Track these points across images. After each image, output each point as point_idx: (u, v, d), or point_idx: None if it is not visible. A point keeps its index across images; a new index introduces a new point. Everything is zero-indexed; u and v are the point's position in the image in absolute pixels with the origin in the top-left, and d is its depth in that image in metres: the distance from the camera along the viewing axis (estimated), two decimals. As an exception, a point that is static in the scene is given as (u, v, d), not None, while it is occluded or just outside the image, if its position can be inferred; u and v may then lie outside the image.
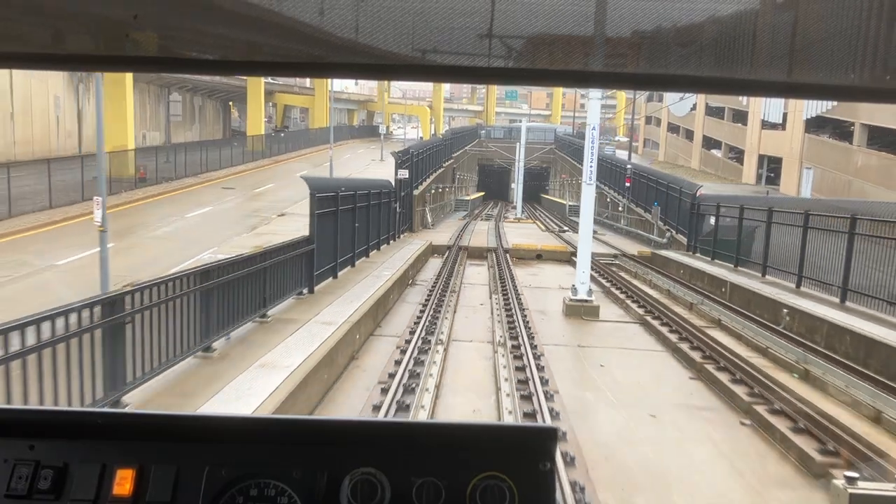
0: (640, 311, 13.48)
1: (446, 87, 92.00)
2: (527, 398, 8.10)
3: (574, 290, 12.95)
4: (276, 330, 9.10)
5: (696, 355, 10.19)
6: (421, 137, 75.20)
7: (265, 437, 1.14)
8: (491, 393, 8.48)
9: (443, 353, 9.93)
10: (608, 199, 35.30)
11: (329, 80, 66.70)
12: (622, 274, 18.28)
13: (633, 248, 23.37)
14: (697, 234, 20.63)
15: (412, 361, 9.17)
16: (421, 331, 10.72)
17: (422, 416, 7.38)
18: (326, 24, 0.72)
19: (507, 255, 20.17)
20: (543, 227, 32.69)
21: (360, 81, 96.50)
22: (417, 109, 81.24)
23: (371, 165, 48.18)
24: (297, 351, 8.09)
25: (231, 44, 0.76)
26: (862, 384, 8.07)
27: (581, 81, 0.77)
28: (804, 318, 11.38)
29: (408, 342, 10.14)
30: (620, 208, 32.15)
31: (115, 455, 1.11)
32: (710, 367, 9.51)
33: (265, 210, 27.98)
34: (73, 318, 5.45)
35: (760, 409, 7.88)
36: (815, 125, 40.80)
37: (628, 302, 14.39)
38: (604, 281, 17.10)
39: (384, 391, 8.09)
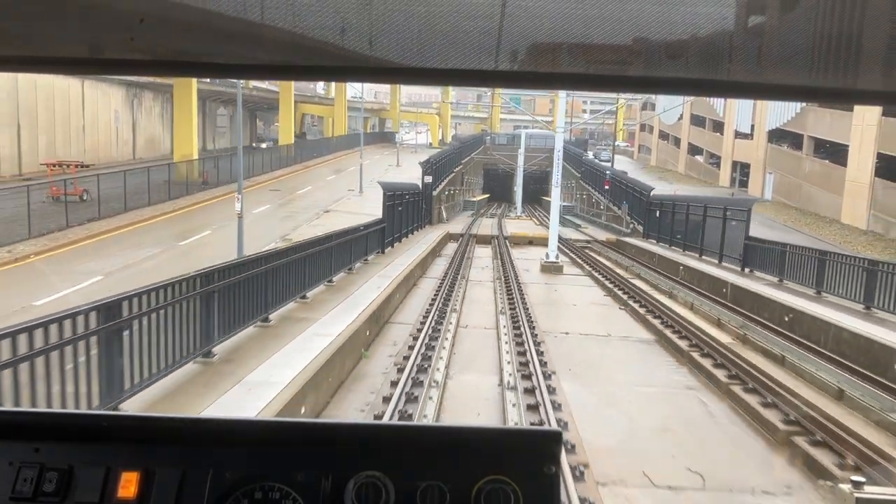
0: (591, 270, 20.77)
1: (452, 94, 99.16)
2: (512, 305, 15.23)
3: (546, 255, 20.21)
4: (377, 264, 16.52)
5: (612, 287, 17.48)
6: (430, 143, 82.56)
7: (270, 440, 1.16)
8: (491, 302, 15.67)
9: (465, 287, 17.16)
10: (593, 199, 42.54)
11: (345, 91, 74.07)
12: (589, 253, 25.55)
13: (605, 236, 30.65)
14: (650, 225, 27.87)
15: (447, 289, 16.39)
16: (450, 276, 17.94)
17: (457, 306, 14.54)
18: (332, 27, 0.74)
19: (506, 241, 27.40)
20: (538, 223, 39.88)
21: (372, 90, 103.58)
22: (427, 117, 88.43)
23: (389, 170, 55.38)
24: (396, 270, 15.43)
25: (236, 48, 0.77)
26: (691, 293, 15.37)
27: (587, 85, 0.79)
28: (689, 271, 18.69)
29: (442, 282, 17.32)
30: (602, 206, 39.37)
31: (119, 458, 1.12)
32: (617, 291, 16.80)
33: (312, 208, 35.29)
34: (180, 298, 12.53)
35: (635, 305, 15.14)
36: (778, 136, 47.92)
37: (586, 266, 21.71)
38: (574, 256, 24.37)
39: (440, 288, 15.40)
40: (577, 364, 10.30)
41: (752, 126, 51.16)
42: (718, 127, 58.63)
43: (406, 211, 23.36)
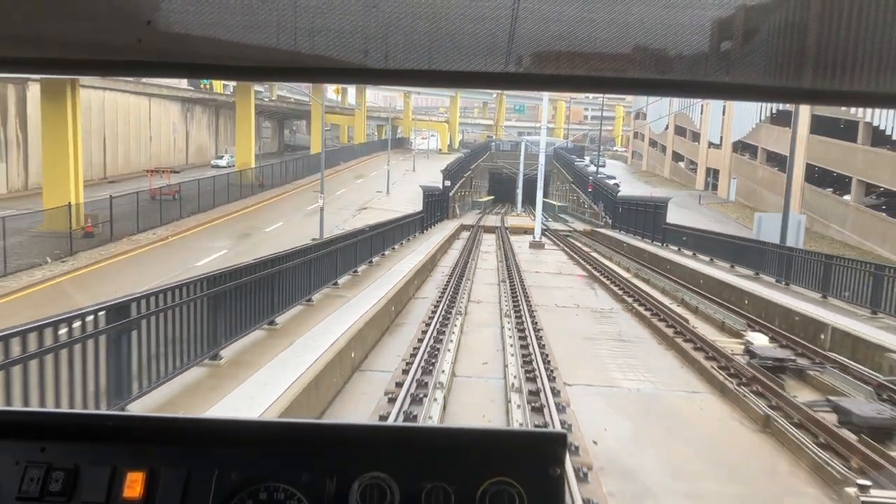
0: (564, 247, 30.31)
1: (460, 102, 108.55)
2: (507, 263, 24.56)
3: (534, 234, 29.73)
4: (419, 241, 25.93)
5: (574, 255, 26.99)
6: (439, 149, 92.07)
7: (275, 441, 1.18)
8: (495, 261, 25.07)
9: (477, 257, 26.59)
10: (581, 199, 51.97)
11: (364, 102, 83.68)
12: (568, 238, 35.00)
13: (584, 227, 40.17)
14: (616, 218, 37.33)
15: (467, 254, 25.79)
16: (467, 249, 27.40)
17: (475, 263, 23.95)
18: (338, 29, 0.74)
19: (507, 231, 36.83)
20: (534, 219, 49.42)
21: (385, 98, 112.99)
22: (437, 125, 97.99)
23: (407, 175, 64.91)
24: (434, 242, 24.89)
25: (243, 49, 0.77)
26: (623, 258, 24.90)
27: (593, 87, 0.80)
28: (629, 247, 28.22)
29: (463, 250, 26.71)
30: (586, 206, 48.87)
31: (125, 458, 1.14)
32: (576, 257, 26.33)
33: (350, 206, 44.81)
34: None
35: (584, 263, 24.63)
36: (742, 147, 57.25)
37: (561, 244, 31.22)
38: (556, 240, 33.93)
39: (461, 254, 24.90)
40: (540, 285, 19.64)
41: (721, 138, 60.54)
42: (696, 137, 67.95)
43: (434, 206, 32.87)
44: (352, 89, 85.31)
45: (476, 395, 9.57)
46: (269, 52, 0.77)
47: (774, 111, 49.06)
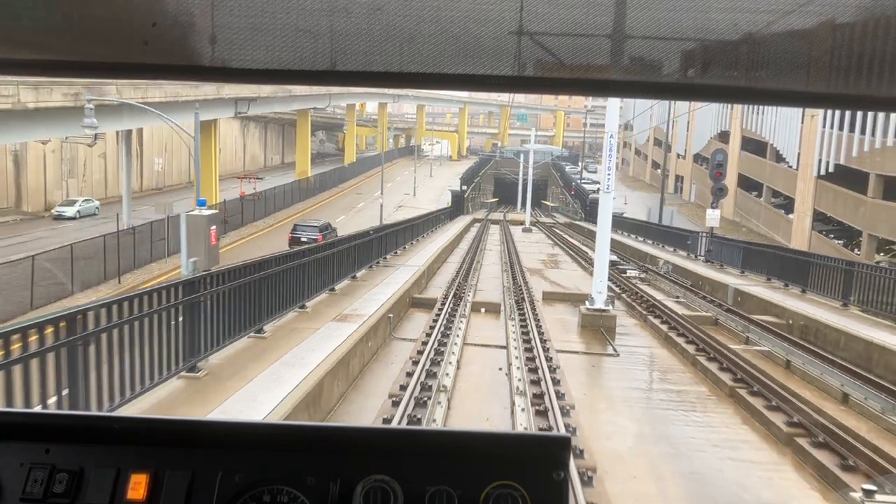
0: (547, 233, 45.22)
1: (468, 112, 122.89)
2: (506, 241, 39.12)
3: (524, 223, 44.60)
4: (453, 223, 40.69)
5: (551, 237, 41.84)
6: (450, 156, 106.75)
7: (279, 444, 1.20)
8: (500, 240, 39.73)
9: (486, 237, 41.28)
10: (567, 200, 66.81)
11: (386, 115, 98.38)
12: (552, 228, 49.70)
13: (565, 221, 55.00)
14: (587, 213, 52.08)
15: (480, 234, 40.47)
16: (480, 231, 42.08)
17: (486, 238, 38.68)
18: (344, 32, 0.75)
19: (507, 223, 51.58)
20: (532, 217, 64.24)
21: (392, 106, 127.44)
22: (448, 135, 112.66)
23: (426, 180, 79.56)
24: (460, 227, 39.67)
25: (248, 52, 0.78)
26: (584, 238, 39.73)
27: (598, 90, 0.81)
28: (590, 233, 43.07)
29: (477, 233, 41.34)
30: (570, 205, 63.78)
31: (129, 460, 1.16)
32: (553, 239, 41.21)
33: (388, 205, 59.41)
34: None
35: (557, 241, 39.41)
36: (701, 158, 71.84)
37: (544, 231, 46.15)
38: (542, 228, 48.80)
39: (476, 234, 39.79)
40: (525, 250, 34.24)
41: (685, 150, 75.29)
42: (670, 148, 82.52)
43: (455, 204, 47.75)
44: (371, 104, 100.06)
45: (492, 267, 24.64)
46: (275, 55, 0.78)
47: (719, 131, 63.73)
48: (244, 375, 8.14)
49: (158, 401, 7.14)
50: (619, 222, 41.36)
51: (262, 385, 7.81)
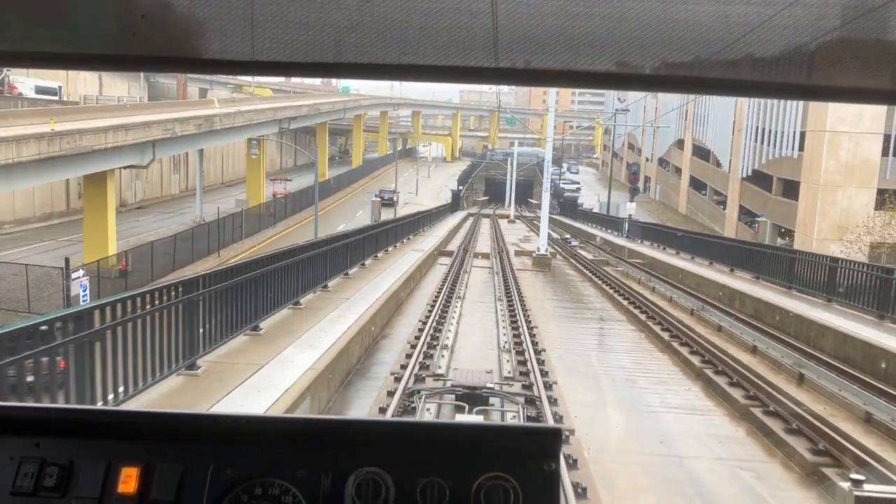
0: (528, 224, 57.64)
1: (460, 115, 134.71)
2: (494, 229, 51.20)
3: (509, 216, 56.99)
4: (454, 216, 52.94)
5: (531, 227, 54.21)
6: (444, 158, 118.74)
7: (270, 437, 1.22)
8: (490, 229, 51.83)
9: (479, 226, 53.42)
10: (554, 201, 79.10)
11: (387, 120, 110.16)
12: (534, 221, 61.93)
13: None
14: (562, 209, 64.41)
15: (474, 224, 52.60)
16: (474, 222, 54.26)
17: (479, 227, 50.77)
18: (334, 25, 0.76)
19: (497, 216, 63.75)
20: (517, 212, 76.54)
21: (397, 113, 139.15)
22: (442, 139, 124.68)
23: (424, 181, 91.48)
24: (458, 219, 51.92)
25: (237, 44, 0.79)
26: (556, 227, 52.29)
27: (581, 82, 0.82)
28: (561, 224, 55.41)
29: (472, 223, 53.45)
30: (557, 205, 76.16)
31: (120, 453, 1.17)
32: (532, 228, 53.57)
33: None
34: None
35: (535, 230, 51.66)
36: (665, 162, 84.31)
37: (526, 224, 58.63)
38: (523, 221, 61.19)
39: (471, 224, 52.12)
40: (508, 233, 46.33)
41: (652, 153, 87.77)
42: (640, 152, 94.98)
43: (454, 202, 60.02)
44: (372, 111, 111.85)
45: (485, 240, 37.20)
46: (265, 47, 0.79)
47: (677, 139, 76.16)
48: (340, 314, 20.51)
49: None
50: (584, 214, 53.72)
51: (362, 295, 20.08)
